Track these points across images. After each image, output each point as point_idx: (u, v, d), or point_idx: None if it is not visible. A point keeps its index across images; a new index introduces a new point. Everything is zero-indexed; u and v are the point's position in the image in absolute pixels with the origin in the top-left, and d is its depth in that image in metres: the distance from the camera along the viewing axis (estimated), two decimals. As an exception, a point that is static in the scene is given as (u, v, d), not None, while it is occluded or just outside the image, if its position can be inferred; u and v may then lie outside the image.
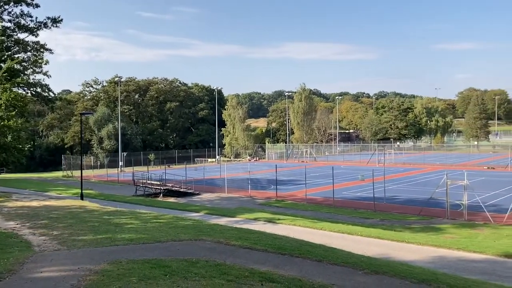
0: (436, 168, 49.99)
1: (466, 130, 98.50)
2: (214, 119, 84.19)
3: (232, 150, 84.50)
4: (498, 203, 27.17)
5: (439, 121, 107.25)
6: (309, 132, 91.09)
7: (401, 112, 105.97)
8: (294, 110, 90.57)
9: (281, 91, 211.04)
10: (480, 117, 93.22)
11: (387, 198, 29.33)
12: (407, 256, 14.29)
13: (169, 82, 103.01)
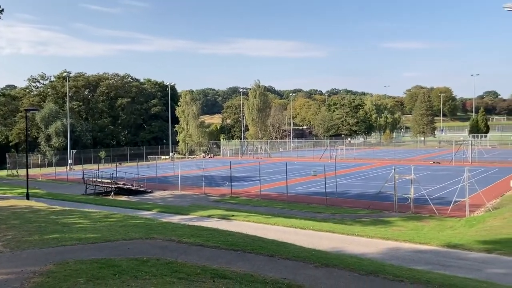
0: (385, 163, 51.67)
1: (413, 126, 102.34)
2: (167, 116, 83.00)
3: (186, 147, 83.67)
4: (443, 196, 28.43)
5: (388, 118, 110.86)
6: (263, 128, 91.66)
7: (352, 109, 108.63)
8: (249, 106, 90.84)
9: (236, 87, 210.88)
10: (426, 114, 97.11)
11: (338, 193, 30.02)
12: (357, 249, 14.69)
13: (120, 77, 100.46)
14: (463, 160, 50.32)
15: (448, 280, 8.99)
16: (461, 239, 15.97)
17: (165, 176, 45.54)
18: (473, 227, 19.44)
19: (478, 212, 23.39)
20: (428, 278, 8.88)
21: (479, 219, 21.29)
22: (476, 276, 11.16)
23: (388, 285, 8.24)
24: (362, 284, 8.21)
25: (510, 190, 29.12)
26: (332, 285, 8.00)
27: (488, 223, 19.62)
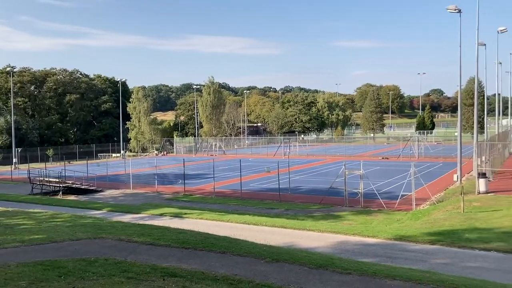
0: (337, 159, 52.84)
1: (363, 123, 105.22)
2: (118, 112, 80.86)
3: (138, 144, 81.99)
4: (391, 191, 29.44)
5: (340, 115, 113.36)
6: (218, 125, 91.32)
7: (305, 106, 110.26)
8: (203, 103, 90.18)
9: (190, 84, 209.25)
10: (376, 111, 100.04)
11: (291, 189, 30.42)
12: (308, 243, 14.96)
13: (68, 73, 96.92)
14: (410, 156, 52.28)
15: (394, 271, 9.32)
16: (407, 232, 16.62)
17: (116, 174, 44.43)
18: (419, 220, 20.27)
19: (424, 205, 24.39)
20: (374, 270, 9.17)
21: (424, 212, 22.22)
22: (421, 266, 11.65)
23: (336, 277, 8.45)
24: (312, 277, 8.37)
25: (454, 184, 30.52)
26: (282, 279, 8.10)
27: (433, 216, 20.51)
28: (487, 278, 10.40)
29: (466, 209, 19.97)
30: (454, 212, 20.09)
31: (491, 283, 9.54)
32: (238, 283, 7.70)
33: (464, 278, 9.91)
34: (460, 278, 9.77)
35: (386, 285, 8.16)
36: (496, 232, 15.77)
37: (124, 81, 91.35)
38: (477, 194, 24.06)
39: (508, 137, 49.36)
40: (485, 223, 17.38)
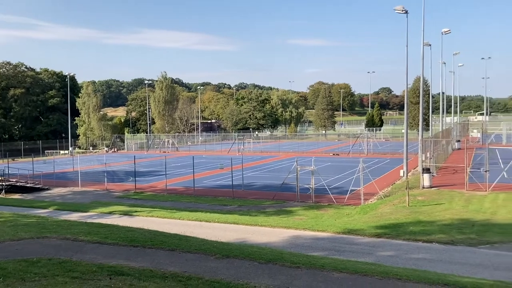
0: (290, 155, 53.49)
1: (315, 120, 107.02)
2: (66, 108, 78.00)
3: (88, 141, 79.49)
4: (341, 186, 30.16)
5: (293, 112, 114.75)
6: (171, 121, 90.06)
7: (259, 103, 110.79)
8: (155, 99, 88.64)
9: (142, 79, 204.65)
10: (327, 109, 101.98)
11: (245, 185, 30.53)
12: (260, 239, 15.07)
13: (12, 66, 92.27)
14: (359, 152, 53.75)
15: (341, 264, 9.57)
16: (355, 226, 17.10)
17: (64, 172, 42.92)
18: (367, 214, 20.91)
19: (372, 200, 25.18)
20: (322, 263, 9.38)
21: (372, 206, 22.94)
22: (367, 259, 12.02)
23: (285, 271, 8.56)
24: (261, 272, 8.44)
25: (400, 179, 31.69)
26: (232, 275, 8.13)
27: (380, 210, 21.22)
28: (429, 269, 10.88)
29: (411, 203, 20.79)
30: (400, 206, 20.87)
31: (432, 273, 9.97)
32: (188, 280, 7.65)
33: (408, 269, 10.32)
34: (404, 269, 10.16)
35: (333, 277, 8.36)
36: (438, 225, 16.52)
37: (72, 76, 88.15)
38: (422, 189, 25.11)
39: (451, 134, 51.77)
40: (429, 216, 18.18)
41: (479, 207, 19.45)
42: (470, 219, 17.28)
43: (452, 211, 18.84)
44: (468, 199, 21.53)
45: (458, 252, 12.92)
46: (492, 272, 10.95)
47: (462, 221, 16.99)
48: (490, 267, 11.40)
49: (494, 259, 12.14)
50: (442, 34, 44.35)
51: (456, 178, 27.93)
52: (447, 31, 43.36)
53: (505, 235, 14.49)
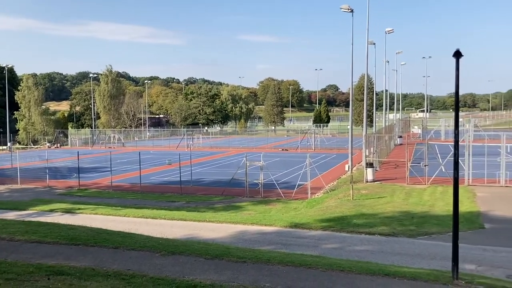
0: (240, 151, 53.57)
1: (265, 116, 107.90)
2: (4, 101, 73.95)
3: (28, 136, 75.83)
4: (289, 181, 30.59)
5: (243, 108, 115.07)
6: (117, 116, 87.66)
7: (209, 98, 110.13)
8: (101, 93, 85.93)
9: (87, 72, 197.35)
10: (277, 105, 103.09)
11: (193, 181, 30.28)
12: (208, 235, 15.02)
13: None
14: (307, 147, 54.69)
15: (287, 257, 9.70)
16: (302, 219, 17.42)
17: (1, 168, 40.73)
18: (313, 208, 21.34)
19: (318, 194, 25.73)
20: (269, 257, 9.47)
21: (318, 200, 23.45)
22: (312, 252, 12.28)
23: (231, 266, 8.58)
24: (207, 267, 8.41)
25: (345, 173, 32.57)
26: (177, 271, 8.04)
27: (325, 204, 21.73)
28: (371, 260, 11.27)
29: (355, 197, 21.45)
30: (345, 199, 21.48)
31: (374, 264, 10.34)
32: (131, 278, 7.50)
33: (351, 261, 10.63)
34: (347, 261, 10.46)
35: (279, 271, 8.47)
36: (380, 217, 17.15)
37: (11, 67, 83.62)
38: (365, 183, 25.97)
39: (393, 130, 53.80)
40: (371, 209, 18.82)
41: (419, 200, 20.38)
42: (410, 211, 18.07)
43: (393, 204, 19.62)
44: (409, 192, 22.50)
45: (398, 243, 13.46)
46: (429, 261, 11.50)
47: (402, 213, 17.73)
48: (427, 257, 11.97)
49: (431, 249, 12.76)
50: (386, 33, 45.93)
51: (397, 172, 29.09)
52: (390, 30, 44.93)
53: (442, 226, 15.26)
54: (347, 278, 8.17)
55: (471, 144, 24.97)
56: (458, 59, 8.48)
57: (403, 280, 8.25)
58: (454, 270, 8.66)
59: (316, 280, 7.95)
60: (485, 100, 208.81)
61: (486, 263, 11.29)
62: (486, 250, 12.52)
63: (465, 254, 11.40)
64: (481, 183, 23.72)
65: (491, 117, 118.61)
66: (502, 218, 16.69)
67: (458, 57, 8.47)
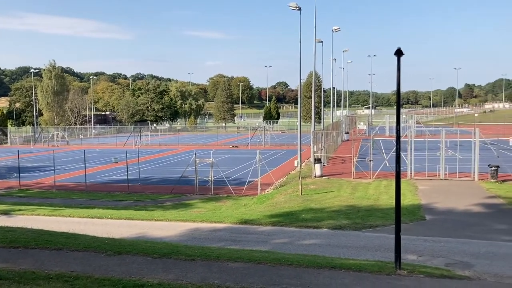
0: (189, 148, 53.04)
1: (215, 113, 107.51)
2: None
3: (-37, 134, 71.41)
4: (239, 177, 30.65)
5: (193, 104, 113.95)
6: (61, 113, 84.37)
7: (157, 94, 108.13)
8: (43, 89, 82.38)
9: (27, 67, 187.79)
10: (227, 101, 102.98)
11: (141, 179, 29.68)
12: (156, 234, 14.77)
13: None
14: (258, 144, 55.05)
15: (236, 254, 9.72)
16: (252, 215, 17.51)
17: None
18: (263, 204, 21.52)
19: (268, 190, 25.95)
20: (218, 254, 9.45)
21: (268, 196, 23.67)
22: (262, 247, 12.36)
23: (180, 265, 8.49)
24: (155, 267, 8.27)
25: (295, 169, 33.03)
26: (124, 271, 7.86)
27: (275, 199, 21.96)
28: (318, 253, 11.51)
29: (304, 192, 21.82)
30: (294, 195, 21.80)
31: (321, 257, 10.57)
32: (75, 280, 7.25)
33: (299, 255, 10.81)
34: (295, 255, 10.62)
35: (228, 267, 8.47)
36: (328, 211, 17.55)
37: None
38: (314, 178, 26.48)
39: (340, 126, 55.20)
40: (319, 203, 19.23)
41: (364, 194, 21.03)
42: (356, 205, 18.62)
43: (340, 198, 20.14)
44: (355, 186, 23.17)
45: (345, 236, 13.83)
46: (374, 253, 11.90)
47: (349, 207, 18.24)
48: (372, 249, 12.38)
49: (376, 241, 13.20)
50: (333, 31, 46.95)
51: (344, 167, 29.89)
52: (337, 29, 45.97)
53: (386, 219, 15.83)
54: (295, 272, 8.30)
55: (413, 140, 26.04)
56: (400, 57, 8.81)
57: (349, 272, 8.49)
58: (397, 261, 9.02)
59: (265, 275, 8.01)
60: (427, 97, 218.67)
61: (427, 253, 11.82)
62: (427, 241, 13.10)
63: (408, 245, 11.89)
64: (422, 177, 24.81)
65: (432, 114, 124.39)
66: (441, 210, 17.54)
67: (399, 56, 8.80)
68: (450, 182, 23.72)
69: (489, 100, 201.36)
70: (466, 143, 29.29)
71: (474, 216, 16.54)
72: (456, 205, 18.14)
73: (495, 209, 17.59)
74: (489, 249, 12.16)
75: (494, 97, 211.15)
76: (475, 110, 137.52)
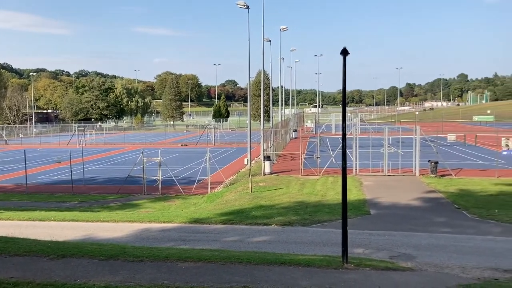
0: (136, 147, 51.89)
1: (163, 111, 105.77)
2: None
3: None
4: (189, 176, 30.36)
5: (139, 102, 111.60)
6: (-2, 111, 79.88)
7: (102, 92, 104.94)
8: (-23, 86, 77.64)
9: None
10: (175, 99, 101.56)
11: (86, 180, 28.74)
12: (103, 235, 14.34)
13: None
14: (207, 142, 54.73)
15: (186, 253, 9.62)
16: (201, 214, 17.40)
17: None
18: (213, 202, 21.45)
19: (218, 188, 25.89)
20: (167, 254, 9.31)
21: (218, 195, 23.61)
22: (212, 246, 12.31)
23: (128, 266, 8.29)
24: (101, 269, 8.03)
25: (245, 167, 33.16)
26: (68, 275, 7.57)
27: (225, 197, 21.95)
28: (268, 250, 11.61)
29: (253, 189, 21.96)
30: (244, 192, 21.89)
31: (271, 254, 10.67)
32: (15, 286, 6.90)
33: (249, 252, 10.86)
34: (246, 252, 10.67)
35: (177, 267, 8.37)
36: (277, 208, 17.76)
37: None
38: (263, 175, 26.71)
39: (289, 125, 55.98)
40: (269, 200, 19.42)
41: (312, 190, 21.46)
42: (304, 201, 18.96)
43: (289, 195, 20.44)
44: (303, 183, 23.59)
45: (294, 232, 14.05)
46: (322, 248, 12.17)
47: (298, 203, 18.54)
48: (320, 244, 12.65)
49: (323, 236, 13.51)
50: (281, 31, 47.47)
51: (293, 164, 30.35)
52: (284, 28, 46.51)
53: (333, 214, 16.23)
54: (246, 269, 8.33)
55: (358, 137, 26.85)
56: (345, 56, 9.05)
57: (298, 267, 8.64)
58: (344, 255, 9.28)
59: (215, 274, 7.99)
60: (370, 96, 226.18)
61: (372, 246, 12.24)
62: (372, 235, 13.57)
63: (354, 239, 12.26)
64: (367, 173, 25.65)
65: (375, 112, 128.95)
66: (385, 204, 18.22)
67: (345, 55, 9.04)
68: (393, 177, 24.68)
69: (428, 99, 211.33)
70: (407, 140, 30.57)
71: (415, 210, 17.30)
72: (398, 200, 18.90)
73: (435, 202, 18.49)
74: (429, 241, 12.77)
75: (433, 96, 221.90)
76: (415, 109, 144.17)
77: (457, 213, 16.51)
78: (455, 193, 19.87)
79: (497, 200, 18.49)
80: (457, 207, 17.33)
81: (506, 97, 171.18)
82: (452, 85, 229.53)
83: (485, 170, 26.48)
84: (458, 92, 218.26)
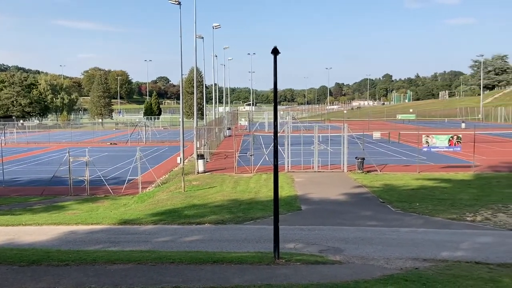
0: (62, 146, 49.44)
1: (91, 108, 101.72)
2: None
3: None
4: (118, 176, 29.40)
5: (65, 99, 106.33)
6: None
7: (24, 88, 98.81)
8: None
9: None
10: (104, 96, 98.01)
11: (6, 181, 27.00)
12: (26, 239, 13.51)
13: None
14: (138, 141, 53.27)
15: (114, 255, 9.32)
16: (132, 215, 16.92)
17: None
18: (144, 202, 20.94)
19: (149, 188, 25.31)
20: (94, 257, 8.97)
21: (149, 194, 23.09)
22: (143, 247, 12.01)
23: (52, 271, 7.88)
24: (22, 276, 7.58)
25: (178, 165, 32.69)
26: (-16, 285, 7.05)
27: (157, 197, 21.52)
28: (201, 249, 11.54)
29: (186, 188, 21.72)
30: (176, 192, 21.59)
31: (203, 253, 10.62)
32: None
33: (181, 252, 10.73)
34: (178, 252, 10.53)
35: (106, 270, 8.09)
36: (211, 207, 17.70)
37: None
38: (197, 174, 26.50)
39: (223, 122, 55.97)
40: (202, 199, 19.30)
41: (246, 188, 21.62)
42: (238, 199, 19.05)
43: (223, 193, 20.44)
44: (237, 181, 23.70)
45: (227, 230, 14.07)
46: (255, 244, 12.30)
47: (231, 201, 18.59)
48: (253, 241, 12.78)
49: (256, 233, 13.65)
50: (213, 28, 47.32)
51: (227, 162, 30.39)
52: (217, 26, 46.42)
53: (266, 211, 16.45)
54: (177, 269, 8.23)
55: (290, 135, 27.42)
56: (276, 55, 9.20)
57: (231, 265, 8.67)
58: (276, 251, 9.45)
59: (145, 275, 7.81)
60: (302, 95, 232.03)
61: (303, 241, 12.56)
62: (303, 230, 13.92)
63: (286, 234, 12.51)
64: (298, 169, 26.28)
65: (306, 111, 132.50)
66: (315, 200, 18.77)
67: (275, 54, 9.19)
68: (323, 174, 25.48)
69: (356, 98, 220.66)
70: (336, 137, 31.69)
71: (343, 205, 17.99)
72: (328, 195, 19.55)
73: (361, 197, 19.34)
74: (356, 234, 13.33)
75: (360, 95, 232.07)
76: (344, 107, 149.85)
77: (382, 207, 17.37)
78: (380, 188, 20.90)
79: (418, 194, 19.67)
80: (382, 201, 18.23)
81: (427, 96, 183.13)
82: (378, 85, 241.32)
83: (408, 166, 28.10)
84: (383, 91, 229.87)
